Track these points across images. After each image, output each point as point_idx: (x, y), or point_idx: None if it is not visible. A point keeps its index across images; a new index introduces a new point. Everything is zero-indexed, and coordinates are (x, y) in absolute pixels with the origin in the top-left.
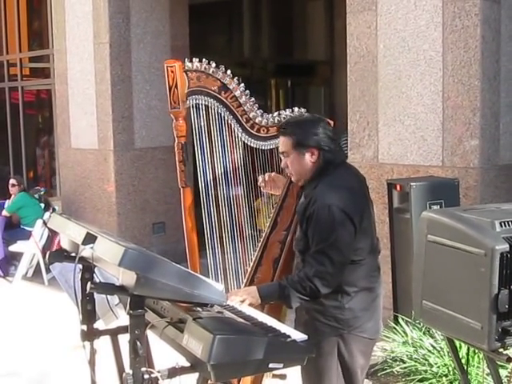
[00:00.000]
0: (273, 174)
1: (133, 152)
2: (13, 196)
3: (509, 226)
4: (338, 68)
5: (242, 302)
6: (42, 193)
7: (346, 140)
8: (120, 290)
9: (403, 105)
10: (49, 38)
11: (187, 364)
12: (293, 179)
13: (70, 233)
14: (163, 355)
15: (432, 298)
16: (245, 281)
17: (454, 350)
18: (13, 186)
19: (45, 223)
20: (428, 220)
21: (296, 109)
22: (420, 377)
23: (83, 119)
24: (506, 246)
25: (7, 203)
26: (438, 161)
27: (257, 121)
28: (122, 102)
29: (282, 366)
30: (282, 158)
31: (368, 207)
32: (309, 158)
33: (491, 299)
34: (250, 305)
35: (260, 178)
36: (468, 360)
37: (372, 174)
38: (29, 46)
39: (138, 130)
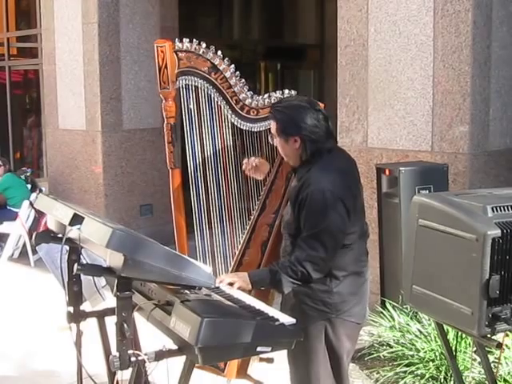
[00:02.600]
0: (257, 159)
1: (121, 133)
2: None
3: (501, 211)
4: (327, 51)
5: (232, 284)
6: (28, 174)
7: None
8: (107, 271)
9: (393, 89)
10: (37, 17)
11: (174, 347)
12: (286, 160)
13: (57, 213)
14: (150, 338)
15: (422, 282)
16: (233, 263)
17: (444, 336)
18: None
19: (31, 204)
20: (419, 204)
21: (286, 91)
22: (407, 361)
23: (71, 100)
24: (497, 232)
25: None
26: (428, 146)
27: (247, 102)
28: (110, 82)
29: (269, 349)
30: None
31: (359, 191)
32: (292, 145)
33: (482, 285)
34: (240, 288)
35: (245, 161)
36: (456, 345)
37: (361, 158)
38: (16, 26)
39: (127, 112)
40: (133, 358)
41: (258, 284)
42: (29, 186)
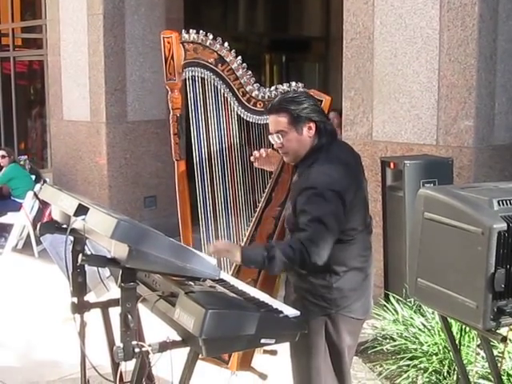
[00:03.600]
0: (269, 150)
1: (125, 125)
2: (4, 168)
3: (507, 204)
4: (333, 44)
5: (218, 252)
6: (21, 161)
7: None
8: (112, 262)
9: (399, 82)
10: (42, 7)
11: (178, 338)
12: (287, 160)
13: (62, 204)
14: (154, 329)
15: (427, 275)
16: None
17: (448, 329)
18: (2, 157)
19: (35, 195)
20: (425, 197)
21: (293, 83)
22: (410, 355)
23: (75, 91)
24: (503, 225)
25: None
26: (433, 139)
27: (253, 94)
28: (114, 74)
29: (273, 341)
30: (275, 139)
31: (362, 185)
32: (306, 133)
33: (487, 278)
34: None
35: (254, 153)
36: (460, 339)
37: (366, 151)
38: (21, 16)
39: (131, 103)
40: (137, 349)
41: (249, 258)
42: (33, 177)
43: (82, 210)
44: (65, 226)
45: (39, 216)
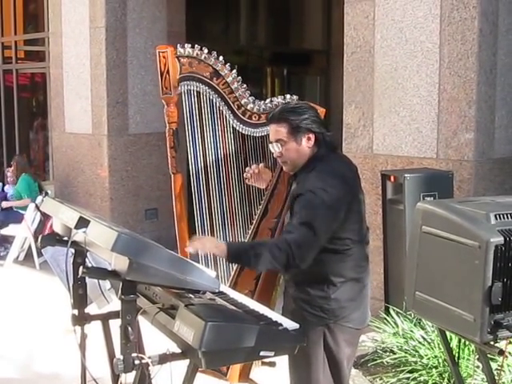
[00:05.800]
0: (260, 166)
1: (127, 137)
2: (11, 171)
3: (504, 218)
4: (334, 58)
5: (203, 247)
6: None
7: None
8: (112, 274)
9: (399, 96)
10: (44, 20)
11: (178, 350)
12: (285, 169)
13: (63, 217)
14: (154, 341)
15: (425, 289)
16: (235, 267)
17: (446, 342)
18: (10, 166)
19: (37, 207)
20: (423, 211)
21: (288, 96)
22: (410, 368)
23: (77, 103)
24: (500, 239)
25: (7, 187)
26: (433, 153)
27: (248, 107)
28: (116, 86)
29: (273, 354)
30: (274, 147)
31: (358, 197)
32: (305, 144)
33: (484, 291)
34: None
35: (247, 169)
36: (459, 352)
37: (366, 164)
38: (24, 29)
39: (133, 116)
40: (136, 361)
41: (236, 253)
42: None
43: (82, 223)
44: (66, 238)
45: (41, 228)
